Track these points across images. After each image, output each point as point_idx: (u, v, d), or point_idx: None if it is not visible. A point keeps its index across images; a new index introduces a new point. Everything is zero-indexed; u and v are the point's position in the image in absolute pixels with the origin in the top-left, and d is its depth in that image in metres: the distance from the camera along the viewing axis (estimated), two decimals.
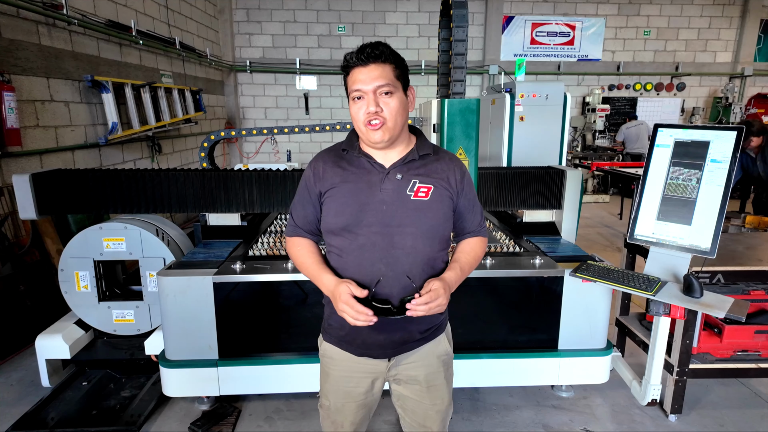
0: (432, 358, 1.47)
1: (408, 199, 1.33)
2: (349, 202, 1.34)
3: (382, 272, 1.32)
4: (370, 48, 1.26)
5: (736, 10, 9.54)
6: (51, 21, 4.00)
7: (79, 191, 2.61)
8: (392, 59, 1.29)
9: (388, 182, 1.34)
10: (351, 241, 1.34)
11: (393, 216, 1.32)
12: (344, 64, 1.30)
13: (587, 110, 9.41)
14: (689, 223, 2.03)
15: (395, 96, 1.28)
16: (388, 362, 1.44)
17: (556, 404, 2.66)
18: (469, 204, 1.45)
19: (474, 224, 1.48)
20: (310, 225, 1.45)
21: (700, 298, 1.90)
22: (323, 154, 1.44)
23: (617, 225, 6.84)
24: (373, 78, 1.25)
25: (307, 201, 1.42)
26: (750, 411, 2.60)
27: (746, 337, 2.43)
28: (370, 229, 1.32)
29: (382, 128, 1.28)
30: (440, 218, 1.37)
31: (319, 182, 1.38)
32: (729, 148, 1.97)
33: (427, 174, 1.36)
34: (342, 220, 1.34)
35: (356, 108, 1.29)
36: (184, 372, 2.38)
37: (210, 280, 2.28)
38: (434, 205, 1.35)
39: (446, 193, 1.37)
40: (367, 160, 1.36)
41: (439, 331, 1.49)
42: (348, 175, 1.36)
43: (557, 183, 2.85)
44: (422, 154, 1.38)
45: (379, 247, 1.32)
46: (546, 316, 2.46)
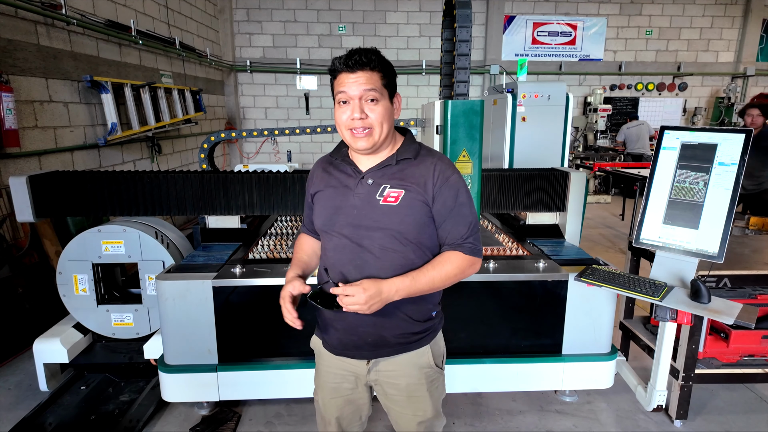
0: (412, 369, 1.46)
1: (377, 204, 1.34)
2: (327, 205, 1.41)
3: (352, 274, 1.36)
4: (358, 55, 1.26)
5: (738, 9, 9.49)
6: (50, 21, 3.97)
7: (76, 193, 2.57)
8: (380, 67, 1.29)
9: (360, 187, 1.36)
10: (327, 242, 1.43)
11: (362, 219, 1.35)
12: (331, 68, 1.31)
13: (589, 110, 9.37)
14: (696, 227, 2.00)
15: (381, 103, 1.28)
16: (366, 364, 1.46)
17: (559, 409, 2.63)
18: (447, 211, 1.35)
19: (454, 236, 1.36)
20: (312, 224, 1.53)
21: (707, 303, 1.87)
22: (320, 159, 1.52)
23: (619, 226, 6.81)
24: (359, 84, 1.26)
25: (307, 203, 1.53)
26: (756, 416, 2.57)
27: (753, 342, 2.39)
28: (342, 232, 1.37)
29: (365, 135, 1.29)
30: (410, 224, 1.33)
31: (312, 186, 1.48)
32: (737, 151, 1.93)
33: (401, 179, 1.35)
34: (319, 222, 1.43)
35: (340, 112, 1.30)
36: (183, 377, 2.35)
37: (209, 284, 2.25)
38: (403, 210, 1.33)
39: (419, 198, 1.33)
40: (349, 166, 1.40)
41: (423, 343, 1.46)
42: (331, 180, 1.42)
43: (561, 185, 2.81)
44: (401, 158, 1.37)
45: (349, 249, 1.36)
46: (550, 320, 2.42)
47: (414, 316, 1.42)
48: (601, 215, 7.50)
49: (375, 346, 1.42)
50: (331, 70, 1.31)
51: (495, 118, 4.86)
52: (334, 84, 1.31)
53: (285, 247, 2.74)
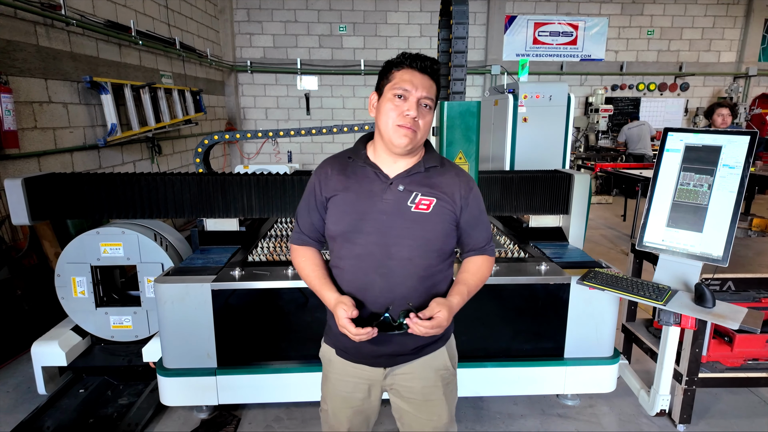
0: (429, 371, 1.45)
1: (408, 211, 1.31)
2: (349, 210, 1.34)
3: (377, 282, 1.32)
4: (429, 61, 1.28)
5: (740, 9, 9.46)
6: (49, 21, 3.95)
7: (73, 196, 2.56)
8: (438, 80, 1.32)
9: (389, 193, 1.32)
10: (349, 250, 1.35)
11: (391, 227, 1.31)
12: (398, 60, 1.29)
13: (590, 110, 9.34)
14: (700, 231, 1.98)
15: (431, 113, 1.30)
16: (383, 371, 1.43)
17: (561, 413, 2.61)
18: (474, 220, 1.41)
19: (479, 241, 1.44)
20: (316, 232, 1.45)
21: (712, 308, 1.84)
22: (330, 160, 1.44)
23: (621, 226, 6.78)
24: (424, 87, 1.26)
25: (313, 207, 1.42)
26: (760, 420, 2.55)
27: (758, 345, 2.37)
28: (368, 239, 1.32)
29: (411, 135, 1.27)
30: (439, 232, 1.34)
31: (324, 188, 1.39)
32: (742, 154, 1.91)
33: (431, 186, 1.34)
34: (341, 227, 1.35)
35: (392, 105, 1.26)
36: (182, 381, 2.33)
37: (208, 287, 2.23)
38: (434, 218, 1.32)
39: (448, 207, 1.34)
40: (372, 169, 1.35)
41: (438, 345, 1.46)
42: (351, 184, 1.35)
43: (564, 187, 2.79)
44: (428, 166, 1.36)
45: (375, 257, 1.32)
46: (552, 323, 2.40)
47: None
48: (602, 216, 7.47)
49: (394, 354, 1.41)
50: (395, 63, 1.29)
51: (496, 118, 4.83)
52: (395, 75, 1.28)
53: (284, 250, 2.72)
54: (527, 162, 4.50)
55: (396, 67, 1.28)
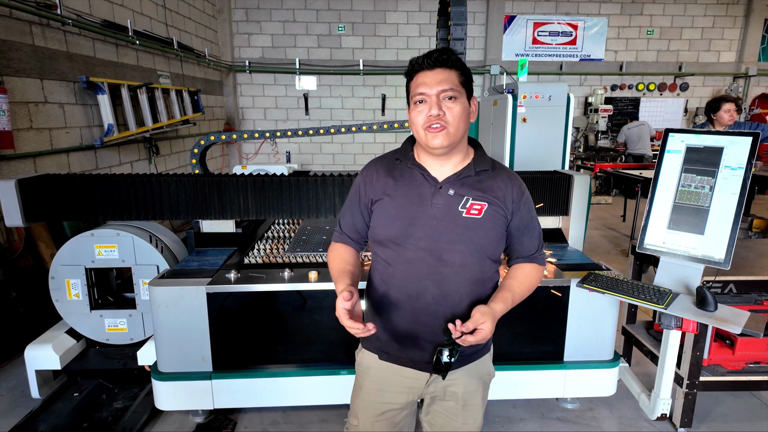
0: (474, 377, 1.43)
1: (459, 216, 1.28)
2: (399, 214, 1.31)
3: (429, 289, 1.30)
4: (437, 53, 1.25)
5: (740, 9, 9.43)
6: (45, 21, 3.92)
7: (68, 197, 2.52)
8: (458, 65, 1.26)
9: (439, 197, 1.29)
10: (398, 254, 1.32)
11: (443, 232, 1.28)
12: (409, 68, 1.29)
13: (590, 111, 9.32)
14: (702, 233, 1.95)
15: (459, 102, 1.24)
16: (428, 377, 1.40)
17: (561, 416, 2.58)
18: (524, 226, 1.37)
19: (529, 248, 1.40)
20: (357, 233, 1.43)
21: (714, 312, 1.82)
22: (376, 162, 1.42)
23: (620, 227, 6.76)
24: (438, 81, 1.22)
25: (356, 208, 1.41)
26: (761, 423, 2.52)
27: (760, 349, 2.34)
28: (419, 244, 1.29)
29: (442, 132, 1.23)
30: (492, 238, 1.31)
31: (370, 190, 1.37)
32: (744, 155, 1.88)
33: (482, 191, 1.31)
34: (391, 232, 1.32)
35: (417, 112, 1.26)
36: (176, 385, 2.30)
37: (203, 290, 2.20)
38: (487, 224, 1.29)
39: (500, 212, 1.31)
40: (420, 171, 1.32)
41: (485, 351, 1.47)
42: (399, 186, 1.33)
43: (564, 188, 2.76)
44: (479, 170, 1.33)
45: (427, 263, 1.29)
46: (551, 326, 2.37)
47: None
48: (602, 216, 7.45)
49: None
50: (409, 72, 1.29)
51: (495, 118, 4.80)
52: (411, 85, 1.28)
53: (282, 252, 2.69)
54: (527, 162, 4.48)
55: (410, 77, 1.28)
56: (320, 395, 2.38)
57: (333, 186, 2.60)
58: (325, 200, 2.62)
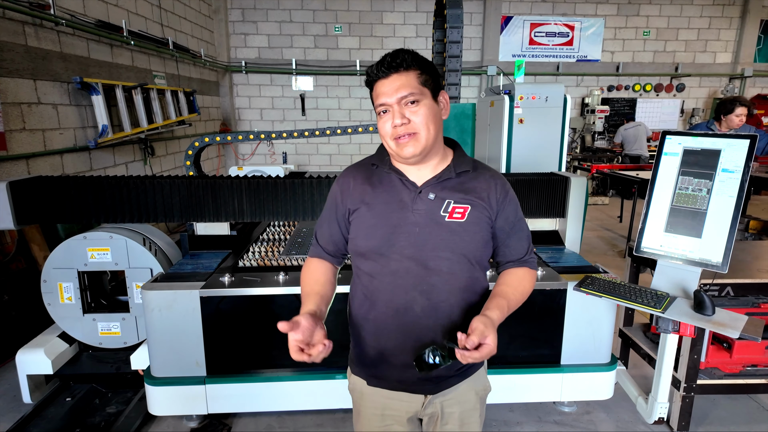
0: (470, 394, 1.36)
1: (442, 221, 1.22)
2: (380, 223, 1.24)
3: (418, 301, 1.22)
4: (390, 57, 1.17)
5: (736, 10, 9.46)
6: (38, 21, 3.88)
7: (60, 200, 2.49)
8: (416, 65, 1.18)
9: (420, 202, 1.23)
10: (383, 266, 1.24)
11: (427, 239, 1.21)
12: (367, 79, 1.22)
13: (586, 111, 9.33)
14: (699, 236, 1.94)
15: (422, 104, 1.17)
16: (424, 399, 1.32)
17: (558, 420, 2.57)
18: (510, 227, 1.30)
19: (518, 251, 1.33)
20: (335, 245, 1.36)
21: (711, 315, 1.81)
22: (352, 169, 1.35)
23: (617, 228, 6.76)
24: (395, 88, 1.16)
25: (333, 219, 1.33)
26: (759, 426, 2.51)
27: (757, 352, 2.34)
28: (403, 253, 1.22)
29: (411, 141, 1.17)
30: (478, 242, 1.25)
31: (347, 199, 1.29)
32: (741, 158, 1.87)
33: (464, 192, 1.24)
34: (373, 243, 1.24)
35: (382, 122, 1.20)
36: (170, 390, 2.28)
37: (197, 294, 2.18)
38: (471, 227, 1.23)
39: (485, 213, 1.25)
40: (398, 177, 1.26)
41: (480, 365, 1.38)
42: (378, 194, 1.26)
43: (561, 190, 2.75)
44: (460, 171, 1.26)
45: (414, 273, 1.22)
46: (548, 329, 2.36)
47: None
48: (598, 217, 7.45)
49: (438, 379, 1.30)
50: (368, 83, 1.22)
51: (492, 119, 4.79)
52: (373, 95, 1.22)
53: (276, 254, 2.66)
54: (523, 163, 4.47)
55: (370, 87, 1.22)
56: (316, 400, 2.36)
57: (328, 187, 2.58)
58: (321, 202, 2.60)
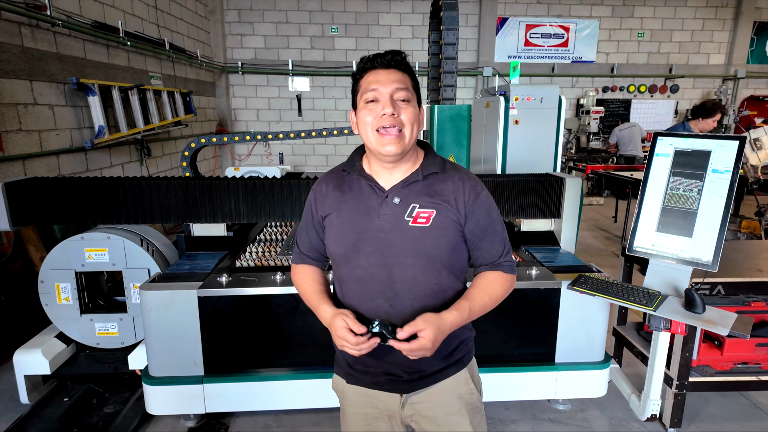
0: (450, 397, 1.31)
1: (406, 226, 1.19)
2: (347, 229, 1.23)
3: (383, 308, 1.21)
4: (391, 54, 1.18)
5: (729, 12, 9.55)
6: (34, 22, 3.88)
7: (57, 201, 2.50)
8: (410, 70, 1.22)
9: (386, 207, 1.21)
10: (350, 272, 1.25)
11: (391, 245, 1.20)
12: (360, 66, 1.20)
13: (581, 112, 9.38)
14: (690, 235, 1.97)
15: (411, 105, 1.18)
16: (400, 399, 1.30)
17: (552, 418, 2.60)
18: (481, 230, 1.26)
19: (491, 255, 1.28)
20: (316, 251, 1.37)
21: (702, 313, 1.84)
22: (326, 176, 1.35)
23: (612, 228, 6.81)
24: (392, 80, 1.16)
25: (311, 226, 1.34)
26: (750, 423, 2.55)
27: (747, 350, 2.37)
28: (368, 260, 1.21)
29: (395, 139, 1.16)
30: (444, 247, 1.22)
31: (320, 206, 1.30)
32: (731, 158, 1.91)
33: (430, 196, 1.22)
34: (340, 249, 1.25)
35: (367, 110, 1.17)
36: (168, 389, 2.29)
37: (194, 294, 2.19)
38: (436, 232, 1.20)
39: (452, 217, 1.22)
40: (368, 182, 1.24)
41: (459, 366, 1.33)
42: (347, 200, 1.25)
43: (556, 191, 2.78)
44: (427, 173, 1.24)
45: (378, 280, 1.21)
46: (543, 328, 2.39)
47: (450, 339, 1.26)
48: (593, 217, 7.50)
49: (410, 379, 1.28)
50: (359, 70, 1.20)
51: (488, 120, 4.83)
52: (361, 83, 1.19)
53: (273, 255, 2.68)
54: (519, 164, 4.50)
55: (360, 75, 1.20)
56: (313, 398, 2.38)
57: None
58: None
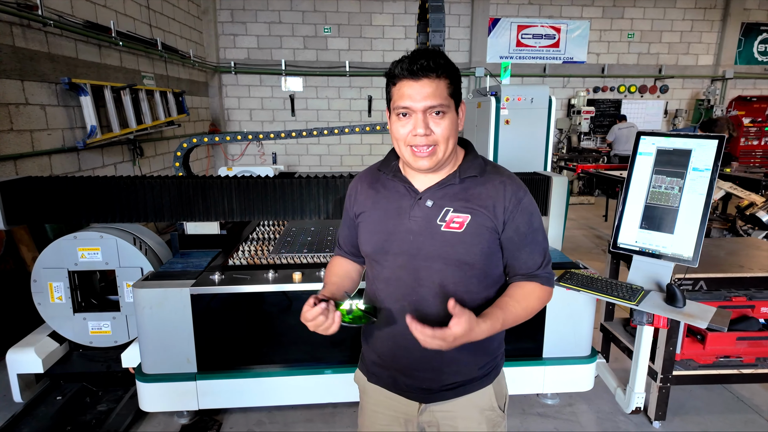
0: (472, 411, 1.28)
1: (437, 230, 1.16)
2: (377, 229, 1.23)
3: (406, 311, 1.16)
4: (424, 59, 1.08)
5: (717, 13, 9.68)
6: (26, 22, 3.88)
7: (50, 200, 2.51)
8: (447, 72, 1.11)
9: (417, 209, 1.18)
10: (378, 273, 1.24)
11: (420, 248, 1.17)
12: (390, 72, 1.13)
13: (572, 112, 9.47)
14: (672, 232, 2.03)
15: (447, 116, 1.11)
16: (418, 406, 1.29)
17: (541, 412, 2.65)
18: (520, 239, 1.19)
19: (529, 265, 1.22)
20: (351, 246, 1.38)
21: (682, 307, 1.89)
22: (362, 174, 1.35)
23: (602, 227, 6.89)
24: (424, 96, 1.08)
25: (348, 222, 1.36)
26: (733, 416, 2.62)
27: (728, 343, 2.44)
28: (396, 262, 1.20)
29: (429, 156, 1.12)
30: (476, 254, 1.16)
31: (355, 204, 1.30)
32: (711, 157, 1.96)
33: (466, 200, 1.17)
34: (369, 248, 1.25)
35: (399, 125, 1.13)
36: (161, 386, 2.31)
37: (187, 292, 2.22)
38: (469, 238, 1.15)
39: (488, 224, 1.16)
40: (402, 183, 1.22)
41: (484, 383, 1.29)
42: (380, 199, 1.24)
43: (543, 189, 2.83)
44: (465, 176, 1.19)
45: (404, 282, 1.19)
46: (530, 323, 2.38)
47: (477, 355, 1.24)
48: (584, 216, 7.59)
49: (430, 390, 1.26)
50: (390, 75, 1.13)
51: (479, 120, 4.88)
52: (393, 91, 1.13)
53: (266, 253, 2.71)
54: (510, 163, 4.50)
55: (393, 82, 1.13)
56: (305, 395, 2.41)
57: (318, 187, 2.63)
58: (310, 202, 2.65)
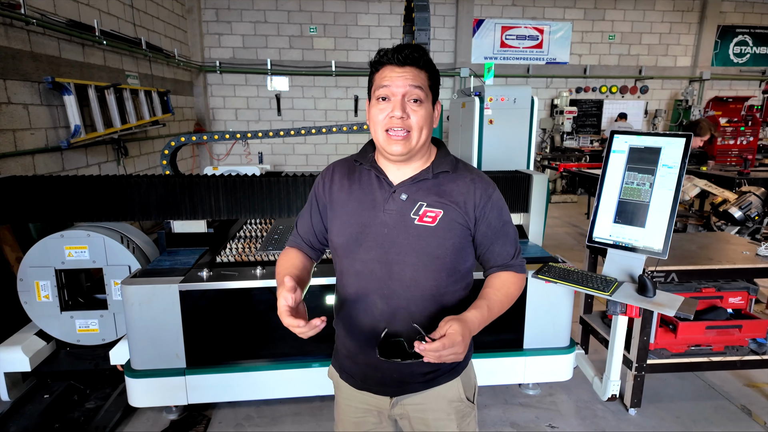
0: (440, 402, 1.31)
1: (411, 224, 1.18)
2: (352, 221, 1.22)
3: (378, 306, 1.21)
4: (409, 49, 1.13)
5: (694, 16, 9.94)
6: (8, 21, 3.85)
7: (35, 199, 2.52)
8: (428, 68, 1.17)
9: (392, 202, 1.20)
10: (349, 265, 1.24)
11: (393, 242, 1.18)
12: (375, 59, 1.17)
13: (555, 112, 9.64)
14: (643, 226, 2.13)
15: (424, 106, 1.16)
16: (390, 400, 1.31)
17: (523, 402, 2.74)
18: (493, 233, 1.25)
19: (503, 257, 1.27)
20: (312, 236, 1.34)
21: (653, 297, 1.99)
22: (336, 163, 1.35)
23: (584, 224, 7.04)
24: (406, 81, 1.12)
25: (314, 209, 1.33)
26: (704, 403, 2.74)
27: (698, 332, 2.55)
28: (369, 255, 1.20)
29: (402, 141, 1.15)
30: (448, 248, 1.20)
31: (326, 193, 1.29)
32: (679, 154, 2.07)
33: (439, 195, 1.20)
34: (342, 239, 1.24)
35: (378, 109, 1.16)
36: (150, 382, 2.34)
37: (176, 288, 2.25)
38: (441, 232, 1.18)
39: (460, 220, 1.20)
40: (378, 174, 1.24)
41: (452, 375, 1.31)
42: (354, 190, 1.25)
43: (524, 187, 2.92)
44: (438, 171, 1.23)
45: (376, 276, 1.20)
46: (511, 316, 2.51)
47: None
48: (567, 214, 7.74)
49: (400, 383, 1.28)
50: (375, 63, 1.17)
51: (464, 120, 4.97)
52: (375, 78, 1.17)
53: (253, 250, 2.75)
54: (493, 162, 4.65)
55: (376, 68, 1.17)
56: (293, 388, 2.46)
57: (304, 186, 2.68)
58: (297, 200, 2.70)
